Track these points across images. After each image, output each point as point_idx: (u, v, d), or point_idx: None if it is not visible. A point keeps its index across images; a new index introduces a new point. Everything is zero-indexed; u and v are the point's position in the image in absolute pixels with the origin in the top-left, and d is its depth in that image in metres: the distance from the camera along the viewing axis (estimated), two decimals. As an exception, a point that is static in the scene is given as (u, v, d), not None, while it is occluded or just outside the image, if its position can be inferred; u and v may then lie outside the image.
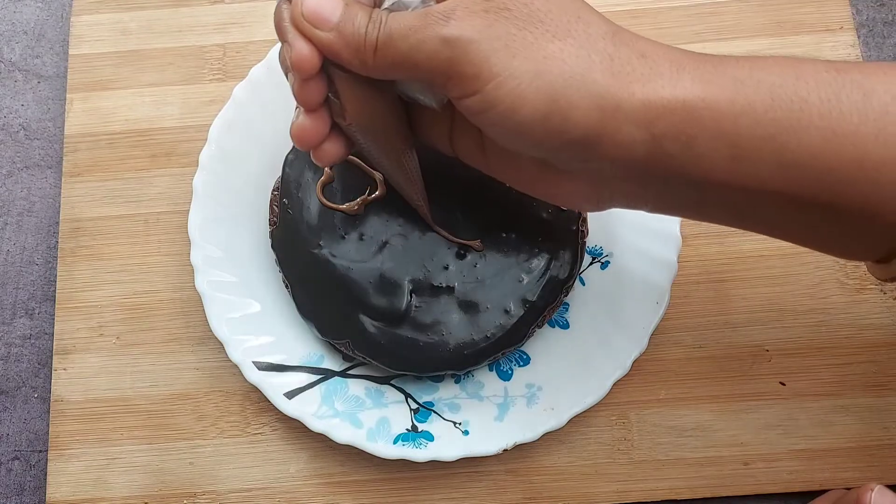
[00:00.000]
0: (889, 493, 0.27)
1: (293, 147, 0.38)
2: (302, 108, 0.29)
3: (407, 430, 0.36)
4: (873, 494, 0.27)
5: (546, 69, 0.25)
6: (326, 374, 0.37)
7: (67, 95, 0.43)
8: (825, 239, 0.28)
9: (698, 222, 0.40)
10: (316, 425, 0.36)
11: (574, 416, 0.36)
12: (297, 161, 0.38)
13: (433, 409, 0.37)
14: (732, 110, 0.25)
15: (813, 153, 0.25)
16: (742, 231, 0.40)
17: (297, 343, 0.38)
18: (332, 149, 0.30)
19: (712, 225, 0.40)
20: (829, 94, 0.25)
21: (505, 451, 0.36)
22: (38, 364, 0.41)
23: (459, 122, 0.30)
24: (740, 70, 0.26)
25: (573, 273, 0.37)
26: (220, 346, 0.37)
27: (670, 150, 0.26)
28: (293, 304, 0.37)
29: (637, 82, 0.25)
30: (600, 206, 0.30)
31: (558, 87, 0.25)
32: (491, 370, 0.38)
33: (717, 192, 0.27)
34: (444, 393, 0.38)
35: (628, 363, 0.36)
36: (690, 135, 0.25)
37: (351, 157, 0.37)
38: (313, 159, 0.30)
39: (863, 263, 0.40)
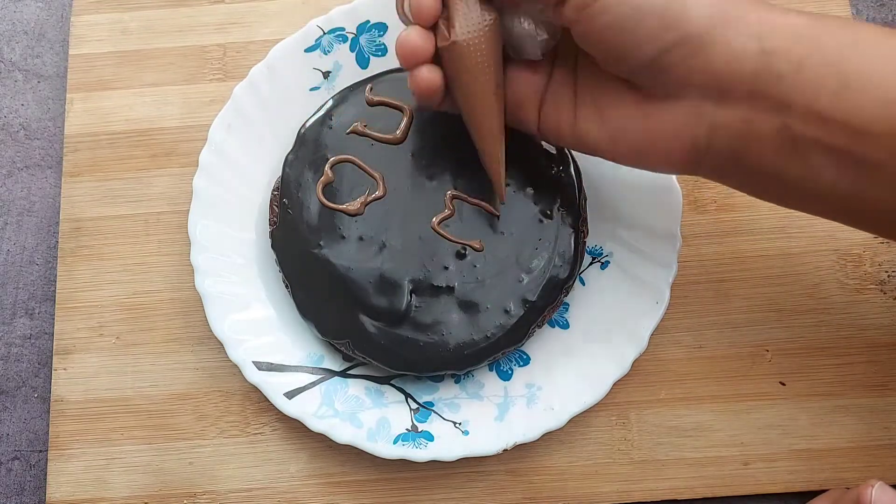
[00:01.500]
0: (889, 489, 0.27)
1: (293, 147, 0.38)
2: (413, 24, 0.31)
3: (407, 430, 0.36)
4: (874, 491, 0.27)
5: None
6: (326, 374, 0.37)
7: (67, 95, 0.43)
8: None
9: (698, 222, 0.41)
10: (316, 425, 0.36)
11: (574, 416, 0.36)
12: (297, 161, 0.38)
13: (433, 409, 0.37)
14: (840, 42, 0.26)
15: None
16: (742, 231, 0.40)
17: (297, 343, 0.38)
18: (430, 75, 0.31)
19: (712, 225, 0.40)
20: None
21: (505, 451, 0.36)
22: (38, 364, 0.41)
23: (554, 79, 0.32)
24: (844, 20, 0.27)
25: (573, 273, 0.37)
26: (220, 346, 0.37)
27: (780, 69, 0.26)
28: (293, 304, 0.37)
29: (752, 4, 0.27)
30: (697, 155, 0.29)
31: None
32: (491, 370, 0.38)
33: (820, 129, 0.26)
34: (444, 393, 0.38)
35: (628, 363, 0.36)
36: (800, 55, 0.26)
37: (351, 157, 0.37)
38: (410, 84, 0.32)
39: (863, 262, 0.40)
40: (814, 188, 0.28)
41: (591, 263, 0.39)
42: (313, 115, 0.38)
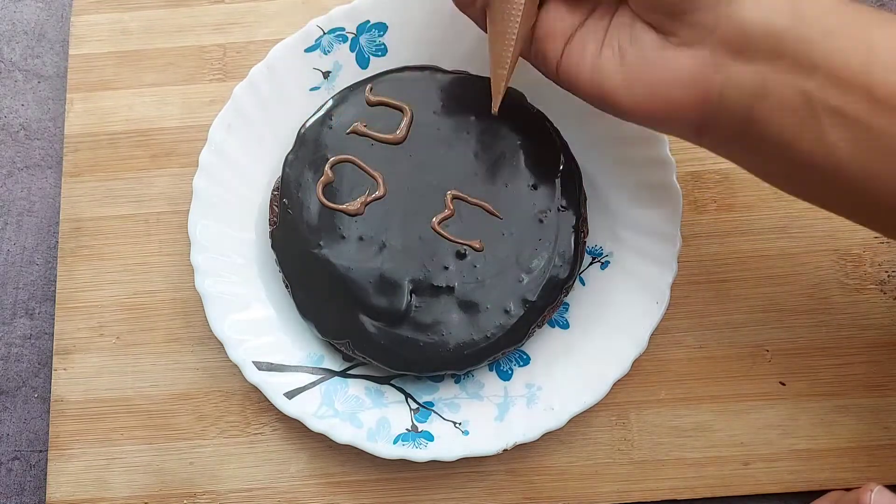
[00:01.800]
0: (888, 493, 0.27)
1: (293, 147, 0.38)
2: None
3: (407, 430, 0.36)
4: (873, 495, 0.27)
5: None
6: (326, 374, 0.37)
7: (67, 95, 0.43)
8: None
9: (698, 221, 0.41)
10: (316, 425, 0.36)
11: (574, 416, 0.36)
12: (297, 161, 0.38)
13: (433, 409, 0.37)
14: (870, 18, 0.27)
15: None
16: (742, 231, 0.40)
17: (297, 343, 0.38)
18: None
19: (712, 225, 0.40)
20: None
21: (505, 451, 0.36)
22: (38, 364, 0.41)
23: (590, 21, 0.32)
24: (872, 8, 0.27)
25: (573, 273, 0.37)
26: (220, 346, 0.37)
27: (809, 35, 0.27)
28: (293, 304, 0.37)
29: None
30: (703, 117, 0.29)
31: None
32: (491, 370, 0.38)
33: (842, 97, 0.26)
34: (444, 393, 0.38)
35: (628, 363, 0.36)
36: (831, 25, 0.27)
37: (351, 157, 0.37)
38: None
39: (863, 262, 0.40)
40: (823, 165, 0.28)
41: (591, 263, 0.39)
42: (313, 115, 0.38)
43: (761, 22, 0.27)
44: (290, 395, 0.36)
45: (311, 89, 0.40)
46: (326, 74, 0.40)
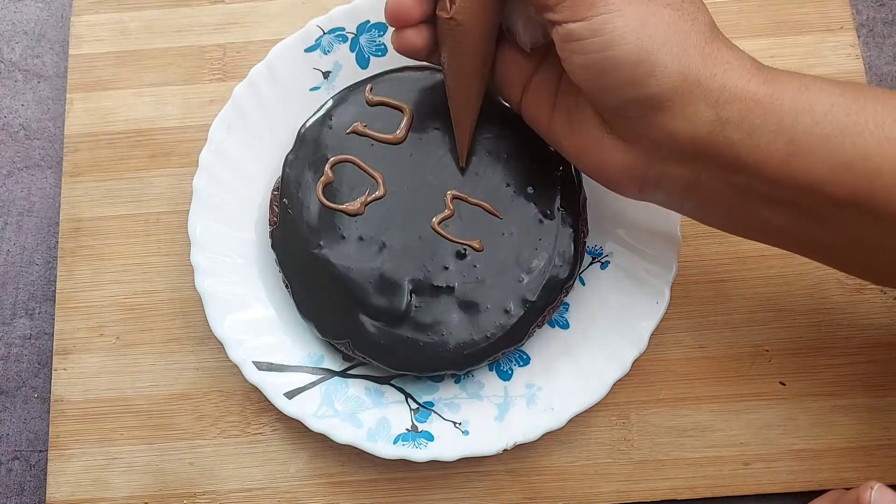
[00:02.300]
0: (888, 491, 0.27)
1: (293, 147, 0.38)
2: None
3: (407, 430, 0.36)
4: (873, 493, 0.27)
5: (652, 25, 0.28)
6: (326, 374, 0.37)
7: (67, 95, 0.43)
8: (864, 256, 0.30)
9: (698, 222, 0.40)
10: (316, 425, 0.36)
11: (574, 416, 0.36)
12: (297, 161, 0.38)
13: (433, 409, 0.37)
14: (795, 108, 0.27)
15: (866, 154, 0.27)
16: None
17: (297, 343, 0.38)
18: (414, 38, 0.33)
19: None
20: (886, 105, 0.27)
21: (505, 451, 0.36)
22: (38, 364, 0.41)
23: (541, 73, 0.33)
24: (807, 80, 0.28)
25: (573, 273, 0.37)
26: (220, 346, 0.37)
27: (732, 136, 0.28)
28: (293, 304, 0.37)
29: (720, 67, 0.28)
30: (643, 190, 0.32)
31: (656, 44, 0.28)
32: (491, 370, 0.38)
33: (767, 187, 0.28)
34: (444, 393, 0.38)
35: (628, 363, 0.36)
36: (754, 124, 0.28)
37: (351, 157, 0.37)
38: (392, 41, 0.33)
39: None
40: (762, 228, 0.31)
41: (591, 263, 0.39)
42: (313, 115, 0.38)
43: (685, 132, 0.28)
44: (290, 395, 0.36)
45: (311, 89, 0.40)
46: (326, 74, 0.40)
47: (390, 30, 0.40)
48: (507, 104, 0.38)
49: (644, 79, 0.28)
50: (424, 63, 0.39)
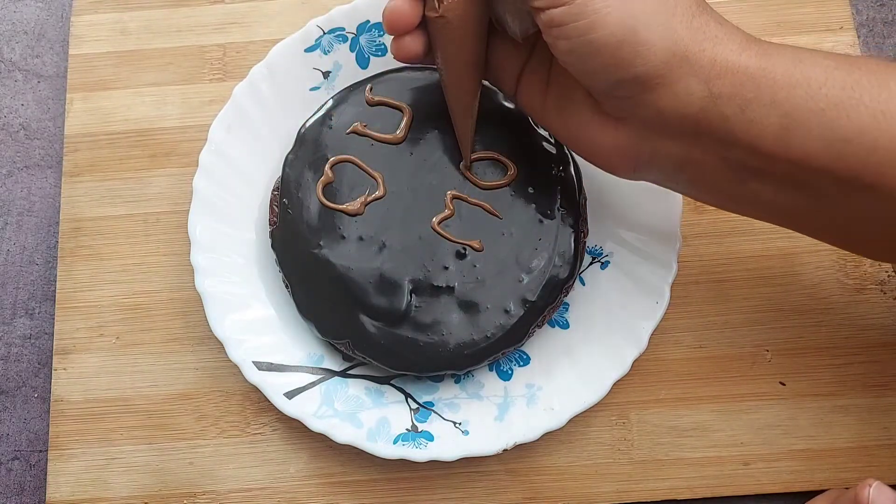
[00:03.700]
0: (886, 488, 0.27)
1: (293, 147, 0.38)
2: None
3: (407, 430, 0.36)
4: (871, 490, 0.27)
5: (636, 2, 0.27)
6: (326, 374, 0.37)
7: (67, 95, 0.43)
8: (859, 232, 0.30)
9: (698, 222, 0.41)
10: (316, 425, 0.36)
11: (574, 416, 0.36)
12: (297, 161, 0.38)
13: (433, 409, 0.37)
14: (789, 82, 0.27)
15: (861, 129, 0.26)
16: (742, 231, 0.40)
17: (297, 343, 0.38)
18: (412, 44, 0.33)
19: (712, 225, 0.40)
20: (881, 79, 0.27)
21: (505, 451, 0.36)
22: (38, 364, 0.41)
23: (533, 60, 0.33)
24: (801, 53, 0.28)
25: (573, 273, 0.37)
26: (220, 346, 0.37)
27: (725, 111, 0.28)
28: (293, 304, 0.37)
29: (709, 41, 0.28)
30: (637, 169, 0.32)
31: (639, 22, 0.27)
32: (491, 370, 0.38)
33: (762, 161, 0.28)
34: (444, 393, 0.38)
35: (628, 363, 0.36)
36: (746, 98, 0.27)
37: (351, 157, 0.37)
38: (392, 51, 0.33)
39: (863, 262, 0.40)
40: (757, 203, 0.31)
41: (591, 263, 0.39)
42: (313, 115, 0.38)
43: (677, 109, 0.28)
44: (290, 395, 0.36)
45: (311, 89, 0.40)
46: (326, 74, 0.40)
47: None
48: (506, 105, 0.38)
49: (630, 59, 0.27)
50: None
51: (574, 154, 0.38)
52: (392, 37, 0.33)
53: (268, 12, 0.44)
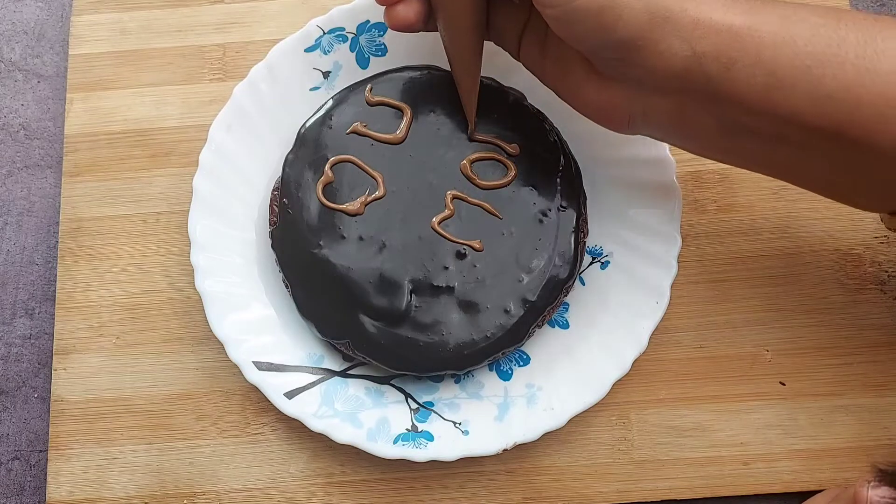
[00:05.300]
0: (885, 487, 0.27)
1: (293, 147, 0.38)
2: None
3: (407, 430, 0.36)
4: (870, 488, 0.28)
5: None
6: (326, 374, 0.37)
7: (67, 95, 0.43)
8: (845, 183, 0.30)
9: (698, 222, 0.41)
10: (316, 425, 0.36)
11: (574, 416, 0.36)
12: (297, 161, 0.38)
13: (433, 409, 0.37)
14: (774, 40, 0.27)
15: (847, 86, 0.27)
16: (742, 231, 0.40)
17: (297, 343, 0.38)
18: (405, 12, 0.33)
19: (712, 225, 0.40)
20: (867, 36, 0.27)
21: (505, 451, 0.36)
22: (38, 364, 0.41)
23: (532, 22, 0.34)
24: (787, 9, 0.28)
25: (573, 273, 0.37)
26: (220, 346, 0.37)
27: (709, 70, 0.28)
28: (293, 304, 0.37)
29: (691, 2, 0.28)
30: (632, 125, 0.32)
31: None
32: (491, 370, 0.38)
33: (748, 118, 0.29)
34: (444, 393, 0.38)
35: (628, 363, 0.36)
36: (731, 58, 0.28)
37: (351, 157, 0.37)
38: (385, 19, 0.34)
39: (863, 262, 0.40)
40: (749, 157, 0.31)
41: (591, 263, 0.39)
42: (313, 115, 0.38)
43: (662, 68, 0.29)
44: (290, 395, 0.36)
45: (311, 89, 0.40)
46: (326, 74, 0.40)
47: (390, 30, 0.40)
48: (505, 104, 0.38)
49: (611, 24, 0.28)
50: (424, 63, 0.39)
51: (574, 154, 0.38)
52: (384, 7, 0.34)
53: (268, 12, 0.44)
